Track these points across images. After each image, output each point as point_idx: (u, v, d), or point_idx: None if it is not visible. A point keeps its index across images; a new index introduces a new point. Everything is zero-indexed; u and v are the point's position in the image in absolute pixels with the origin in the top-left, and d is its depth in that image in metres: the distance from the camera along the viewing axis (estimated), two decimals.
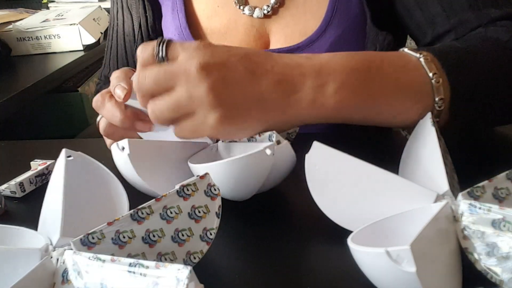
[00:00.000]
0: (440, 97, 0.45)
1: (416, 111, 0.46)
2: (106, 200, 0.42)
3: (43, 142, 0.70)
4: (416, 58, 0.47)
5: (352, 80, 0.44)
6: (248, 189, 0.44)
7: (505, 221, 0.31)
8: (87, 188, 0.41)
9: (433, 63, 0.46)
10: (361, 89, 0.45)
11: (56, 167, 0.40)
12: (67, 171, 0.39)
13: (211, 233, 0.36)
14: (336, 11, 0.63)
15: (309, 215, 0.43)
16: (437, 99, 0.45)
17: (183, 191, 0.36)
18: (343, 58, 0.46)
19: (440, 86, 0.45)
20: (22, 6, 1.74)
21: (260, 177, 0.43)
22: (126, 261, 0.28)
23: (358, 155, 0.39)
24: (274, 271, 0.37)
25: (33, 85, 1.05)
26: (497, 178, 0.35)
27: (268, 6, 0.65)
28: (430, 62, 0.46)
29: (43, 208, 0.40)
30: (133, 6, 0.75)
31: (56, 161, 0.41)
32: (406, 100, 0.46)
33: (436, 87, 0.45)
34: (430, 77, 0.45)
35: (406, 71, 0.46)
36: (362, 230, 0.35)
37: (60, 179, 0.38)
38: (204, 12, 0.69)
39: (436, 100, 0.45)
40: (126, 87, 0.47)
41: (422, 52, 0.47)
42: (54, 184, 0.40)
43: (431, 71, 0.45)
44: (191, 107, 0.42)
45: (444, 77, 0.46)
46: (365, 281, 0.33)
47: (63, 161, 0.39)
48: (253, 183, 0.44)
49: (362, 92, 0.45)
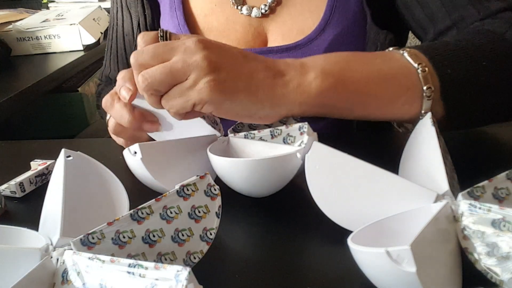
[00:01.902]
0: (428, 86, 0.45)
1: (405, 102, 0.46)
2: (106, 200, 0.42)
3: (43, 142, 0.70)
4: (400, 54, 0.48)
5: (333, 68, 0.46)
6: (271, 189, 0.46)
7: (505, 221, 0.31)
8: (87, 188, 0.41)
9: (418, 56, 0.47)
10: (342, 76, 0.46)
11: (55, 167, 0.40)
12: (67, 171, 0.39)
13: (211, 233, 0.36)
14: (335, 10, 0.63)
15: (309, 215, 0.43)
16: (425, 88, 0.45)
17: (183, 191, 0.36)
18: (327, 55, 0.48)
19: (427, 75, 0.46)
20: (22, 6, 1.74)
21: (286, 179, 0.45)
22: (126, 261, 0.28)
23: (358, 155, 0.39)
24: (274, 271, 0.37)
25: (33, 85, 1.05)
26: (497, 178, 0.35)
27: (265, 5, 0.66)
28: (413, 55, 0.47)
29: (43, 208, 0.40)
30: (132, 5, 0.75)
31: (56, 161, 0.41)
32: (390, 88, 0.46)
33: (423, 76, 0.46)
34: (416, 67, 0.46)
35: (389, 63, 0.47)
36: (362, 230, 0.35)
37: (60, 179, 0.38)
38: (201, 10, 0.69)
39: (424, 89, 0.45)
40: (131, 88, 0.47)
41: (405, 49, 0.48)
42: (54, 184, 0.40)
43: (416, 61, 0.46)
44: (183, 72, 0.43)
45: (431, 68, 0.46)
46: (365, 281, 0.33)
47: (62, 161, 0.40)
48: (277, 184, 0.45)
49: (344, 78, 0.46)
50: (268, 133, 0.50)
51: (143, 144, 0.45)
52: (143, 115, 0.50)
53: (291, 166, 0.44)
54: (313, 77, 0.45)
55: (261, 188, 0.46)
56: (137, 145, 0.44)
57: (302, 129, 0.48)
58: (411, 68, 0.46)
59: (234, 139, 0.51)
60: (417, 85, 0.46)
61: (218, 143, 0.50)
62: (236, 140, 0.51)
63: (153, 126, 0.50)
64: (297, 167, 0.44)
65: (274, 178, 0.45)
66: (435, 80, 0.46)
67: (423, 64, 0.46)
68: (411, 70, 0.46)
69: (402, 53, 0.47)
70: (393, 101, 0.46)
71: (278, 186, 0.46)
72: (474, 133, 0.59)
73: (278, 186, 0.46)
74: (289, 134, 0.49)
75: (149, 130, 0.51)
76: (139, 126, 0.50)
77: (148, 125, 0.50)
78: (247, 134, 0.50)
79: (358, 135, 0.64)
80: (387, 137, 0.63)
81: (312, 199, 0.41)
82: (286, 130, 0.49)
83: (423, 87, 0.46)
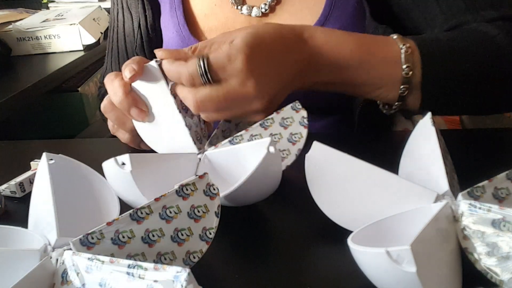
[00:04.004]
0: (407, 65, 0.50)
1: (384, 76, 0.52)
2: (94, 199, 0.42)
3: (43, 142, 0.70)
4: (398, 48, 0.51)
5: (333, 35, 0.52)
6: (269, 190, 0.44)
7: (505, 221, 0.31)
8: (74, 189, 0.41)
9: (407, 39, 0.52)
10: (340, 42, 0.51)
11: (38, 171, 0.40)
12: (52, 174, 0.38)
13: (210, 233, 0.36)
14: (334, 6, 0.63)
15: (309, 215, 0.43)
16: (404, 66, 0.50)
17: (182, 191, 0.36)
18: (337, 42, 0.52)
19: (410, 55, 0.50)
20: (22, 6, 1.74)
21: (277, 177, 0.43)
22: (125, 262, 0.28)
23: (358, 155, 0.39)
24: (274, 271, 0.37)
25: (33, 85, 1.05)
26: (497, 178, 0.35)
27: (265, 4, 0.66)
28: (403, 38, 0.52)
29: (31, 212, 0.39)
30: (132, 6, 0.75)
31: (38, 165, 0.40)
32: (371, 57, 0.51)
33: (406, 56, 0.50)
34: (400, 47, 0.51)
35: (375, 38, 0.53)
36: (362, 230, 0.35)
37: (47, 182, 0.38)
38: (201, 10, 0.69)
39: (403, 68, 0.50)
40: (135, 68, 0.48)
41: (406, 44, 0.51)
42: (40, 188, 0.39)
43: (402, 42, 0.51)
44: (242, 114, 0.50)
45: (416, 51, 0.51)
46: (365, 281, 0.33)
47: (45, 165, 0.39)
48: (273, 184, 0.44)
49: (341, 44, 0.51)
50: (259, 128, 0.49)
51: (134, 155, 0.42)
52: (135, 100, 0.50)
53: (275, 163, 0.42)
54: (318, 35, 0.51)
55: (256, 198, 0.45)
56: (127, 156, 0.41)
57: (295, 107, 0.49)
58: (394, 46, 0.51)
59: (212, 154, 0.48)
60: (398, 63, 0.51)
61: (201, 166, 0.48)
62: (214, 154, 0.48)
63: (140, 114, 0.50)
64: (280, 160, 0.42)
65: (263, 187, 0.43)
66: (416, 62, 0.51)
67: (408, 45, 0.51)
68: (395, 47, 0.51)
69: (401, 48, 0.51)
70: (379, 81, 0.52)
71: (275, 185, 0.44)
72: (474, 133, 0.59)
73: (275, 186, 0.44)
74: (283, 117, 0.49)
75: (135, 116, 0.51)
76: (128, 108, 0.50)
77: (136, 111, 0.50)
78: (232, 140, 0.49)
79: (358, 135, 0.64)
80: (387, 137, 0.63)
81: (312, 199, 0.41)
82: (278, 115, 0.49)
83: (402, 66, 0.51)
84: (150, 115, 0.51)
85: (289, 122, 0.50)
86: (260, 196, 0.44)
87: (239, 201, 0.44)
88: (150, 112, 0.51)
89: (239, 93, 0.47)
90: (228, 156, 0.47)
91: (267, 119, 0.49)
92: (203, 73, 0.46)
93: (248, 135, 0.49)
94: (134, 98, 0.50)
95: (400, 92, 0.52)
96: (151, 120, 0.51)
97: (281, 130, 0.49)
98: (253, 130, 0.49)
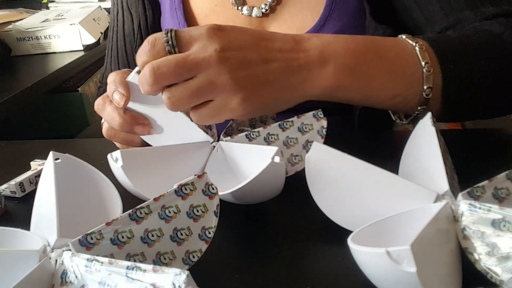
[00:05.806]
0: (429, 86, 0.48)
1: (406, 97, 0.49)
2: (98, 200, 0.42)
3: (43, 142, 0.70)
4: (412, 46, 0.49)
5: (351, 61, 0.47)
6: (269, 196, 0.45)
7: (505, 221, 0.31)
8: (78, 189, 0.41)
9: (427, 52, 0.49)
10: (357, 70, 0.47)
11: (44, 170, 0.40)
12: (57, 174, 0.38)
13: (209, 232, 0.36)
14: (334, 6, 0.63)
15: (309, 215, 0.43)
16: (425, 87, 0.48)
17: (181, 191, 0.35)
18: (346, 41, 0.48)
19: (431, 75, 0.48)
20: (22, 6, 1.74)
21: (279, 186, 0.43)
22: (124, 264, 0.28)
23: (358, 155, 0.39)
24: (274, 271, 0.37)
25: (33, 85, 1.05)
26: (497, 178, 0.35)
27: (266, 4, 0.66)
28: (424, 52, 0.49)
29: (34, 212, 0.39)
30: (133, 6, 0.75)
31: (44, 164, 0.40)
32: (397, 85, 0.48)
33: (426, 76, 0.48)
34: (422, 66, 0.48)
35: (400, 58, 0.49)
36: (362, 230, 0.35)
37: (51, 181, 0.38)
38: (201, 10, 0.69)
39: (424, 88, 0.48)
40: (124, 93, 0.47)
41: (418, 41, 0.49)
42: (44, 187, 0.39)
43: (424, 60, 0.48)
44: (212, 93, 0.44)
45: (437, 66, 0.49)
46: (365, 281, 0.33)
47: (51, 164, 0.39)
48: (273, 191, 0.44)
49: (358, 74, 0.47)
50: (277, 128, 0.49)
51: (125, 151, 0.44)
52: (134, 117, 0.49)
53: (278, 172, 0.42)
54: (331, 72, 0.46)
55: (259, 198, 0.45)
56: (118, 152, 0.43)
57: (317, 115, 0.49)
58: (418, 67, 0.48)
59: (227, 144, 0.49)
60: (420, 84, 0.48)
61: (214, 154, 0.49)
62: (230, 145, 0.49)
63: (145, 129, 0.50)
64: (283, 171, 0.42)
65: (262, 194, 0.44)
66: (437, 80, 0.49)
67: (429, 64, 0.48)
68: (418, 69, 0.48)
69: (414, 46, 0.49)
70: (396, 97, 0.49)
71: (276, 192, 0.44)
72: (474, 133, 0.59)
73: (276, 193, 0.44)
74: (303, 123, 0.49)
75: (140, 132, 0.50)
76: (131, 128, 0.49)
77: (140, 128, 0.49)
78: (249, 134, 0.49)
79: (358, 135, 0.64)
80: (387, 137, 0.63)
81: (312, 199, 0.41)
82: (298, 120, 0.49)
83: (423, 86, 0.48)
84: (154, 123, 0.50)
85: (308, 128, 0.49)
86: (259, 200, 0.45)
87: (239, 201, 0.44)
88: (152, 121, 0.50)
89: (199, 57, 0.43)
90: (240, 152, 0.48)
91: (287, 121, 0.49)
92: (169, 39, 0.43)
93: (265, 132, 0.49)
94: (132, 116, 0.49)
95: (425, 94, 0.48)
96: (157, 128, 0.51)
97: (299, 135, 0.49)
98: (271, 129, 0.49)
